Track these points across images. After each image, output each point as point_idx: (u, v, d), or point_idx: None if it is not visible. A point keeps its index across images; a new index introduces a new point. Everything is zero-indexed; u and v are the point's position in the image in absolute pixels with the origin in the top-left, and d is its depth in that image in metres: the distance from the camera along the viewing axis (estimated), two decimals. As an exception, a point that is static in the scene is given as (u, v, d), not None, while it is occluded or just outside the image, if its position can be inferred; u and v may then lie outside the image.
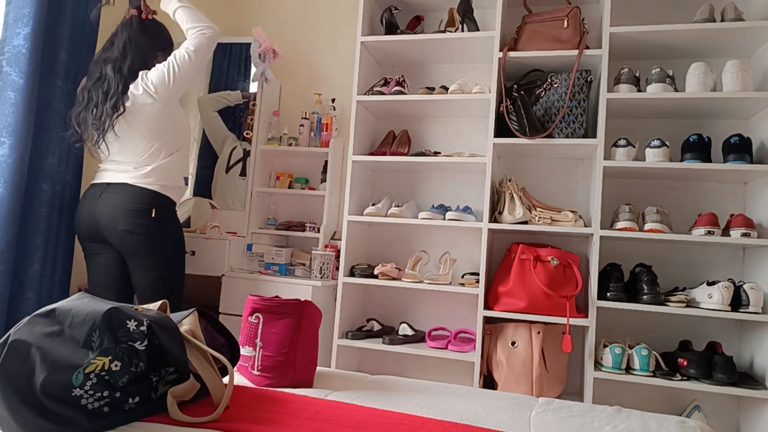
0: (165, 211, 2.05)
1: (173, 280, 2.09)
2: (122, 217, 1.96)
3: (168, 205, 2.07)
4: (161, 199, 2.03)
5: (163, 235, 2.02)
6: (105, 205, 1.99)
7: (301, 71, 3.04)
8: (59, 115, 2.27)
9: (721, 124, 2.37)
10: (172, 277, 2.09)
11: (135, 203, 1.97)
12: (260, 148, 2.85)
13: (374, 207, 2.52)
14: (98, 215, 1.99)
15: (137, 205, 1.97)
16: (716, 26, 2.15)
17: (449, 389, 1.54)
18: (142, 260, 2.00)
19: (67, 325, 1.07)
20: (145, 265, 2.01)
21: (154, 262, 2.01)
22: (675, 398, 2.29)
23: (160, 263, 2.02)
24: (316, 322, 1.57)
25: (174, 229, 2.09)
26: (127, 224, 1.95)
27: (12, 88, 2.07)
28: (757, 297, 2.01)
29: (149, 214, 1.97)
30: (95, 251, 2.08)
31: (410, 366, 2.65)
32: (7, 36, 2.09)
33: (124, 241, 1.98)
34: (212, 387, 1.17)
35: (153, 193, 2.00)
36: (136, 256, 2.00)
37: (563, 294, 2.19)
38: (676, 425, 1.29)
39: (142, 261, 2.00)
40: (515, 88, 2.40)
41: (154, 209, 1.98)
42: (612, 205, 2.32)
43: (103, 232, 2.00)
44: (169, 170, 2.06)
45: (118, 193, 1.99)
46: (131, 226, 1.95)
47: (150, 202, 1.99)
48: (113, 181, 2.02)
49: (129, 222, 1.95)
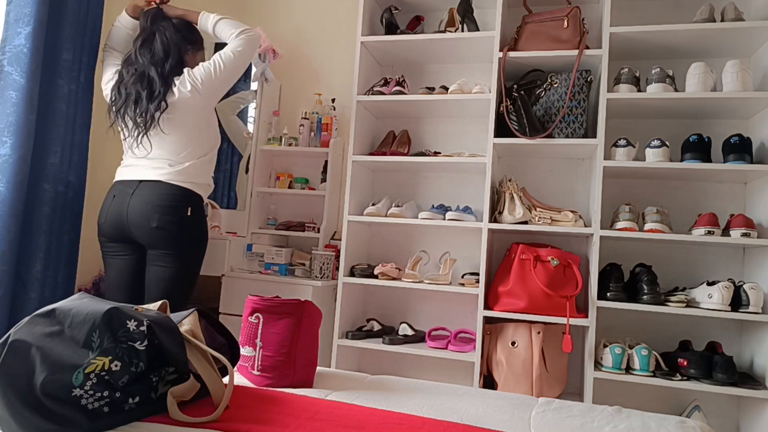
0: (198, 210, 2.03)
1: (188, 282, 2.05)
2: (156, 213, 1.92)
3: (200, 204, 2.05)
4: (195, 197, 2.01)
5: (194, 233, 2.01)
6: (138, 203, 1.95)
7: (301, 71, 3.04)
8: (61, 115, 2.27)
9: (721, 124, 2.37)
10: (189, 278, 2.05)
11: (171, 200, 1.94)
12: (260, 148, 2.86)
13: (374, 207, 2.52)
14: (131, 213, 1.95)
15: (173, 202, 1.94)
16: (716, 26, 2.15)
17: (449, 389, 1.54)
18: (166, 256, 1.96)
19: (67, 325, 1.07)
20: (166, 262, 1.97)
21: (177, 260, 1.98)
22: (675, 398, 2.29)
23: (182, 261, 1.99)
24: (316, 322, 1.57)
25: (204, 228, 2.07)
26: (161, 221, 1.92)
27: (13, 88, 2.07)
28: (757, 297, 2.01)
29: (185, 211, 1.96)
30: (115, 253, 2.05)
31: (410, 366, 2.65)
32: (8, 35, 2.09)
33: (155, 237, 1.94)
34: (212, 387, 1.17)
35: (188, 191, 1.98)
36: (162, 251, 1.96)
37: (563, 294, 2.19)
38: (676, 425, 1.29)
39: (165, 257, 1.96)
40: (515, 88, 2.40)
41: (190, 207, 1.97)
42: (612, 205, 2.33)
43: (132, 230, 1.96)
44: (202, 169, 2.05)
45: (153, 190, 1.96)
46: (165, 222, 1.92)
47: (185, 200, 1.97)
48: (146, 178, 1.98)
49: (163, 219, 1.92)
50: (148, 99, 1.95)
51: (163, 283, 1.97)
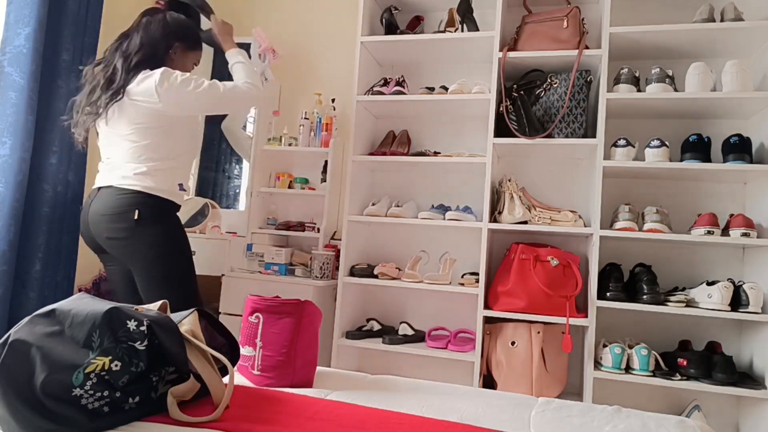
0: (151, 211, 1.82)
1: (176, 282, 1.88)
2: (104, 224, 1.81)
3: (155, 204, 1.84)
4: (145, 198, 1.81)
5: (151, 236, 1.81)
6: (92, 214, 1.84)
7: (301, 71, 3.05)
8: (61, 116, 2.27)
9: (721, 124, 2.37)
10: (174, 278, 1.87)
11: (115, 207, 1.80)
12: (260, 148, 2.86)
13: (374, 207, 2.52)
14: (90, 224, 1.85)
15: (117, 209, 1.79)
16: (716, 26, 2.15)
17: (449, 389, 1.54)
18: (134, 266, 1.84)
19: (67, 325, 1.07)
20: (137, 270, 1.84)
21: (148, 267, 1.82)
22: (674, 398, 2.29)
23: (154, 268, 1.83)
24: (316, 322, 1.57)
25: (166, 229, 1.87)
26: (109, 231, 1.80)
27: (13, 89, 2.07)
28: (757, 297, 2.01)
29: (132, 215, 1.78)
30: (104, 260, 1.97)
31: (410, 366, 2.65)
32: (8, 36, 2.09)
33: (113, 248, 1.84)
34: (212, 387, 1.17)
35: (135, 193, 1.80)
36: (130, 261, 1.84)
37: (563, 294, 2.19)
38: (675, 425, 1.29)
39: (135, 266, 1.84)
40: (515, 88, 2.40)
41: (137, 210, 1.78)
42: (612, 205, 2.33)
43: (97, 241, 1.86)
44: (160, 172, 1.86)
45: (101, 198, 1.83)
46: (113, 231, 1.79)
47: (131, 203, 1.79)
48: (101, 184, 1.86)
49: (111, 228, 1.80)
50: (104, 88, 1.82)
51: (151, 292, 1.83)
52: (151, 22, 1.94)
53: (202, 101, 1.88)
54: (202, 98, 1.86)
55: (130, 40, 1.90)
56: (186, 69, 2.00)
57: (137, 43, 1.88)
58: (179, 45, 1.96)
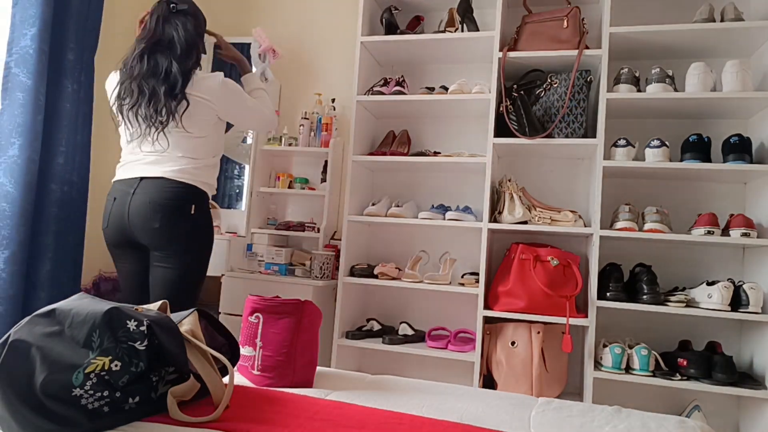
0: (203, 208, 1.91)
1: (193, 282, 1.92)
2: (158, 213, 1.80)
3: (205, 203, 1.93)
4: (200, 195, 1.89)
5: (198, 232, 1.89)
6: (139, 201, 1.82)
7: (301, 71, 3.05)
8: (67, 115, 2.28)
9: (721, 124, 2.37)
10: (193, 278, 1.92)
11: (174, 198, 1.82)
12: (260, 148, 2.86)
13: (374, 207, 2.52)
14: (132, 213, 1.83)
15: (176, 200, 1.82)
16: (716, 26, 2.15)
17: (449, 389, 1.54)
18: (168, 257, 1.85)
19: (67, 325, 1.07)
20: (169, 263, 1.85)
21: (181, 261, 1.85)
22: (675, 398, 2.29)
23: (186, 262, 1.87)
24: (316, 322, 1.57)
25: (209, 228, 1.95)
26: (163, 220, 1.80)
27: (21, 89, 2.07)
28: (757, 297, 2.01)
29: (189, 209, 1.84)
30: (120, 258, 1.95)
31: (410, 366, 2.65)
32: (14, 37, 2.09)
33: (158, 238, 1.83)
34: (212, 387, 1.17)
35: (193, 188, 1.86)
36: (165, 252, 1.85)
37: (563, 294, 2.19)
38: (675, 425, 1.29)
39: (168, 258, 1.85)
40: (515, 88, 2.40)
41: (194, 205, 1.85)
42: (612, 205, 2.33)
43: (134, 232, 1.84)
44: (209, 170, 1.95)
45: (155, 186, 1.83)
46: (167, 222, 1.80)
47: (189, 197, 1.85)
48: (148, 174, 1.85)
49: (166, 218, 1.80)
50: (167, 94, 1.83)
51: (168, 284, 1.86)
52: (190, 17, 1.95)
53: (246, 115, 2.05)
54: (247, 113, 2.04)
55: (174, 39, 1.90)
56: None
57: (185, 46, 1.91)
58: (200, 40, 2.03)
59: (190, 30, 1.93)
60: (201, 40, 2.01)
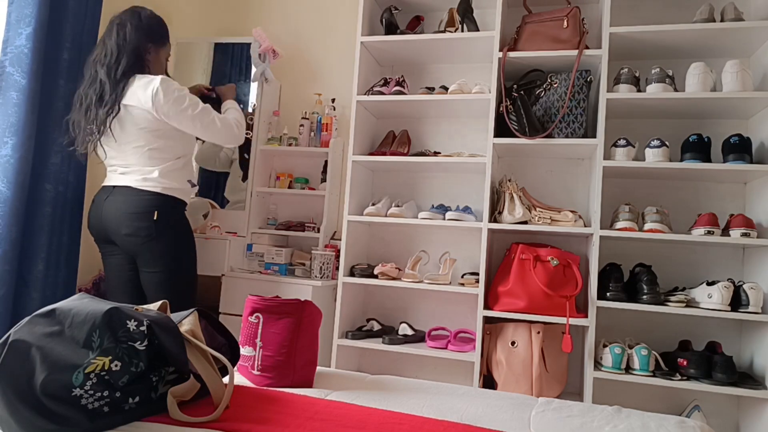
0: (169, 212, 2.01)
1: (182, 282, 2.05)
2: (125, 221, 1.95)
3: (172, 206, 2.03)
4: (164, 200, 1.99)
5: (166, 236, 1.99)
6: (110, 209, 1.98)
7: (301, 71, 3.05)
8: (62, 115, 2.27)
9: (721, 124, 2.37)
10: (181, 278, 2.05)
11: (136, 207, 1.95)
12: (260, 148, 2.85)
13: (374, 207, 2.52)
14: (105, 219, 1.99)
15: (139, 209, 1.95)
16: (716, 26, 2.15)
17: (449, 389, 1.54)
18: (148, 262, 1.99)
19: (67, 325, 1.07)
20: (151, 267, 1.99)
21: (160, 264, 1.98)
22: (675, 398, 2.29)
23: (166, 265, 1.99)
24: (316, 322, 1.57)
25: (180, 230, 2.06)
26: (129, 228, 1.95)
27: (15, 89, 2.07)
28: (757, 297, 2.01)
29: (151, 216, 1.95)
30: (108, 252, 2.08)
31: (410, 366, 2.65)
32: (9, 36, 2.09)
33: (129, 244, 1.97)
34: (212, 387, 1.17)
35: (154, 195, 1.97)
36: (142, 258, 1.99)
37: (563, 294, 2.19)
38: (675, 425, 1.29)
39: (148, 263, 1.99)
40: (515, 88, 2.40)
41: (156, 211, 1.96)
42: (612, 205, 2.33)
43: (110, 235, 2.00)
44: (172, 172, 2.03)
45: (121, 196, 1.98)
46: (134, 229, 1.94)
47: (151, 204, 1.96)
48: (118, 183, 2.01)
49: (131, 226, 1.94)
50: (98, 105, 1.92)
51: (156, 287, 1.98)
52: (122, 26, 2.00)
53: (192, 123, 2.01)
54: (193, 120, 2.00)
55: (105, 48, 1.98)
56: (161, 65, 2.13)
57: (115, 52, 1.95)
58: (152, 45, 2.06)
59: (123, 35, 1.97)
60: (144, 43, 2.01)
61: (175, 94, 1.96)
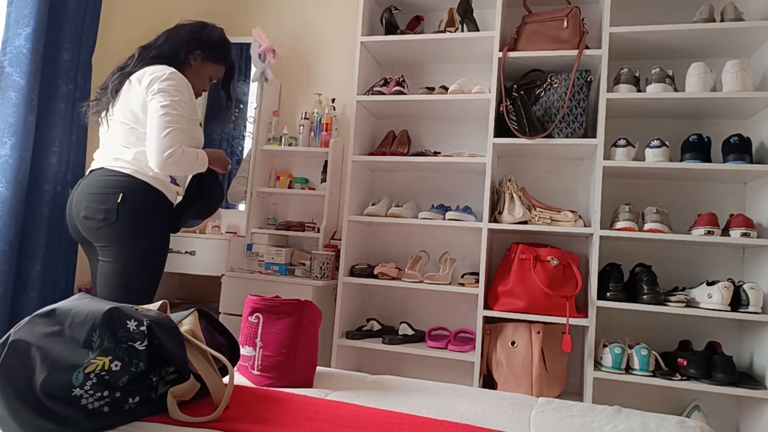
0: (138, 198, 1.73)
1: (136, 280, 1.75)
2: (85, 202, 1.73)
3: (143, 192, 1.75)
4: (134, 182, 1.74)
5: (128, 222, 1.71)
6: (77, 194, 1.77)
7: (301, 71, 3.04)
8: (61, 115, 2.27)
9: (721, 124, 2.37)
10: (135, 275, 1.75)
11: (99, 187, 1.72)
12: (260, 148, 2.85)
13: (374, 207, 2.52)
14: (73, 206, 1.78)
15: (101, 189, 1.72)
16: (716, 26, 2.15)
17: (449, 389, 1.54)
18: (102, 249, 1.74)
19: (67, 325, 1.07)
20: (104, 255, 1.73)
21: (113, 252, 1.72)
22: (675, 398, 2.29)
23: (119, 255, 1.72)
24: (316, 322, 1.57)
25: (146, 220, 1.76)
26: (88, 209, 1.71)
27: (14, 89, 2.07)
28: (757, 297, 2.01)
29: (115, 199, 1.70)
30: (87, 253, 1.90)
31: (410, 366, 2.65)
32: (8, 37, 2.10)
33: (86, 229, 1.74)
34: (212, 387, 1.17)
35: (125, 176, 1.73)
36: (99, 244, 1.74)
37: (563, 294, 2.19)
38: (675, 425, 1.29)
39: (102, 249, 1.74)
40: (515, 88, 2.40)
41: (122, 193, 1.71)
42: (612, 205, 2.33)
43: (77, 224, 1.78)
44: None
45: (89, 178, 1.77)
46: (92, 211, 1.71)
47: (116, 185, 1.72)
48: (94, 167, 1.81)
49: (90, 207, 1.71)
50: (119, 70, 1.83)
51: (104, 279, 1.74)
52: (185, 25, 1.95)
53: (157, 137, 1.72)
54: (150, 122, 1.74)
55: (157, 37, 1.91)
56: (202, 80, 1.97)
57: (162, 39, 1.89)
58: (200, 53, 1.92)
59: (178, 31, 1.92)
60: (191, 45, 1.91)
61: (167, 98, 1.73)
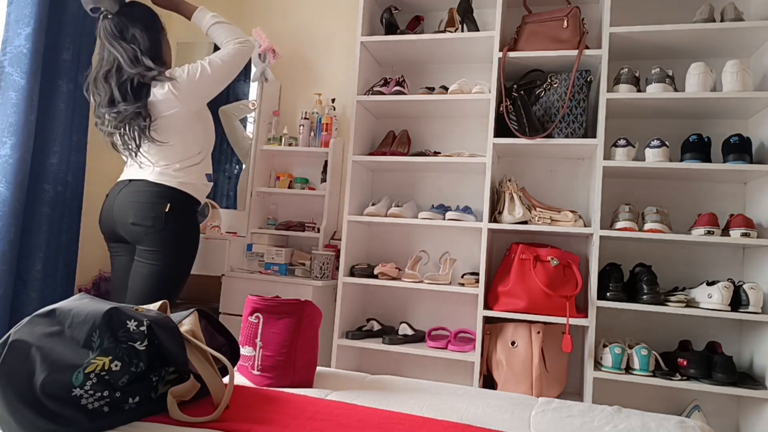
0: (182, 208, 1.96)
1: (169, 281, 1.95)
2: (134, 209, 1.91)
3: (185, 201, 1.98)
4: (178, 195, 1.95)
5: (173, 230, 1.93)
6: (123, 200, 1.95)
7: (301, 71, 3.05)
8: (61, 115, 2.27)
9: (721, 124, 2.37)
10: (170, 277, 1.95)
11: (149, 197, 1.92)
12: (260, 148, 2.86)
13: (374, 207, 2.52)
14: (115, 211, 1.95)
15: (151, 199, 1.91)
16: (716, 26, 2.15)
17: (449, 389, 1.54)
18: (144, 252, 1.91)
19: (68, 325, 1.07)
20: (146, 258, 1.91)
21: (156, 256, 1.91)
22: (675, 398, 2.29)
23: (161, 259, 1.91)
24: (316, 322, 1.57)
25: (188, 227, 2.00)
26: (137, 217, 1.90)
27: (14, 89, 2.07)
28: (757, 297, 2.01)
29: (163, 208, 1.90)
30: (115, 252, 2.04)
31: (410, 366, 2.65)
32: (8, 36, 2.09)
33: (134, 233, 1.92)
34: (212, 387, 1.17)
35: (169, 188, 1.94)
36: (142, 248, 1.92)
37: (563, 294, 2.19)
38: (675, 425, 1.29)
39: (144, 252, 1.91)
40: (515, 88, 2.40)
41: (169, 204, 1.91)
42: (612, 205, 2.33)
43: (118, 228, 1.95)
44: (190, 167, 1.99)
45: (134, 188, 1.95)
46: (141, 219, 1.90)
47: (165, 196, 1.92)
48: (135, 177, 1.97)
49: (139, 215, 1.90)
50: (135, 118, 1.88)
51: (141, 280, 1.91)
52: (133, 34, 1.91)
53: (213, 83, 1.96)
54: (210, 81, 1.95)
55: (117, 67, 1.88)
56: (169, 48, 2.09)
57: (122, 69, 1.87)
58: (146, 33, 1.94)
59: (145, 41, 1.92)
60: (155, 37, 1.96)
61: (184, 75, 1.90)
